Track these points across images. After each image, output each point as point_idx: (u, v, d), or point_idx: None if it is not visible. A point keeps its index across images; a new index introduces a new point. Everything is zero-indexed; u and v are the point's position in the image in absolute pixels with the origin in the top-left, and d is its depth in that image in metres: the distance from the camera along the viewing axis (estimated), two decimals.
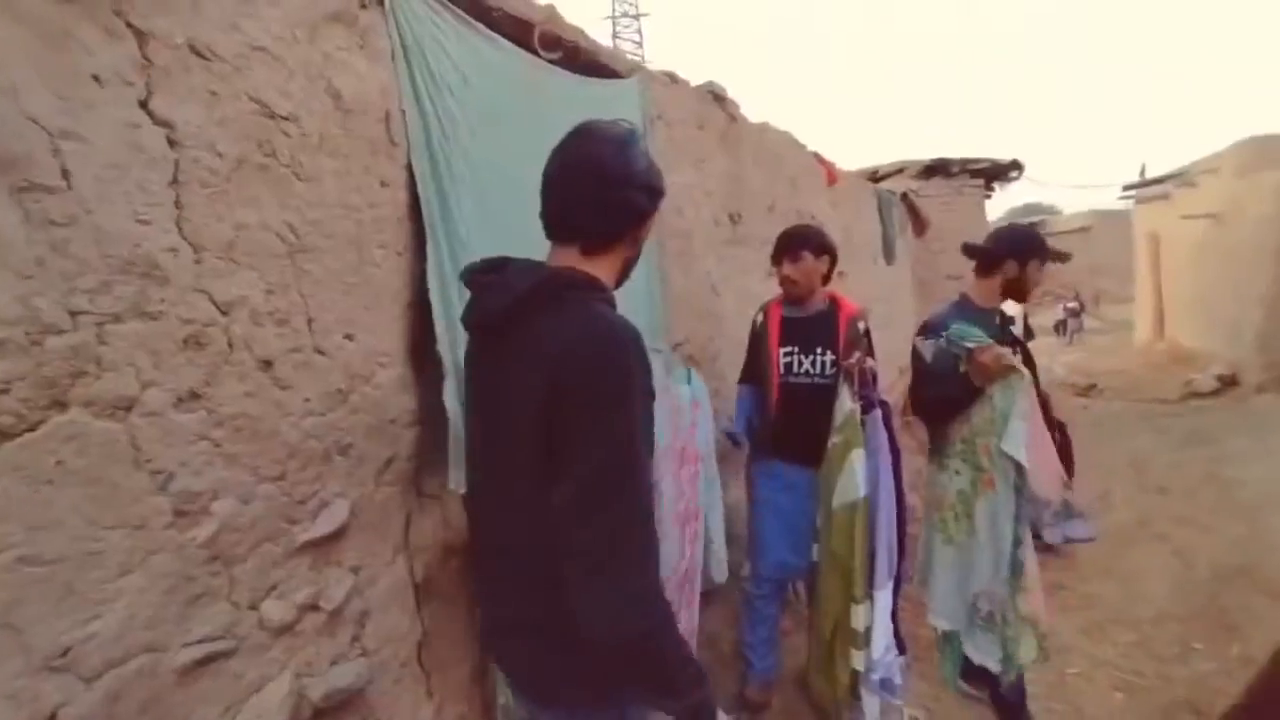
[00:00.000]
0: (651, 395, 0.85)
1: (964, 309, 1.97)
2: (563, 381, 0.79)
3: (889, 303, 5.13)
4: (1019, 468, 1.69)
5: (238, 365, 0.98)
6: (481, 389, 0.97)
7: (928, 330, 1.93)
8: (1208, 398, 6.73)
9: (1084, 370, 8.96)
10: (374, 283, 1.24)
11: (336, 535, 1.15)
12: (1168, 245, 9.52)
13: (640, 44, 38.19)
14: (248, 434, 0.99)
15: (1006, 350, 1.73)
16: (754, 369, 2.14)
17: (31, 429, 0.75)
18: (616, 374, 0.80)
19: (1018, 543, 1.73)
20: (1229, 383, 6.88)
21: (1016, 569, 1.73)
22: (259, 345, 1.01)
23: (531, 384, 0.82)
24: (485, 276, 0.96)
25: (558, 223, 0.97)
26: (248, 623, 0.98)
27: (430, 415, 1.39)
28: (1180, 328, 9.14)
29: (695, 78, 2.57)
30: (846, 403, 1.76)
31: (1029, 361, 1.84)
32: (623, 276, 1.01)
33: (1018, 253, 1.92)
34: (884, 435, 1.74)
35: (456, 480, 1.38)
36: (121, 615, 0.82)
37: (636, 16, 39.73)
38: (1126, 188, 10.37)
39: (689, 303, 2.34)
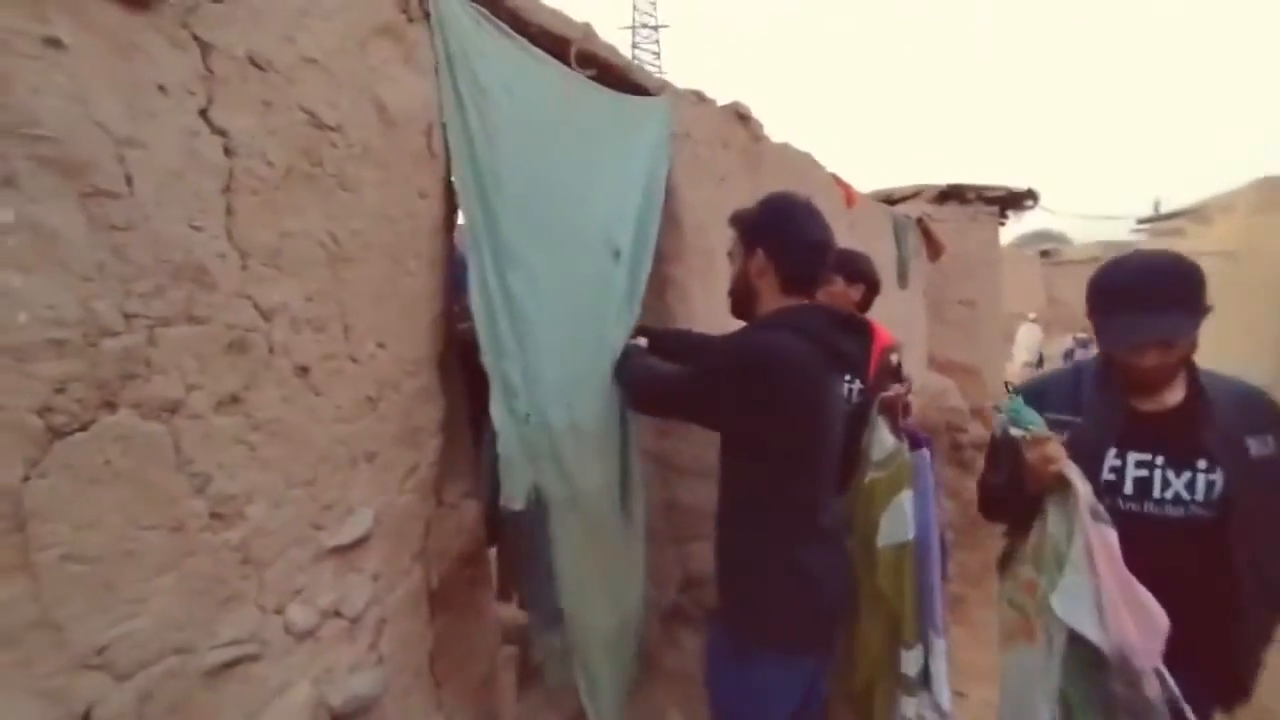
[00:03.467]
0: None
1: (1097, 371, 1.31)
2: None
3: (903, 327, 5.13)
4: (1073, 634, 1.14)
5: (276, 371, 0.99)
6: (832, 410, 1.37)
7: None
8: None
9: None
10: (408, 292, 1.26)
11: (360, 542, 1.16)
12: None
13: (658, 55, 38.49)
14: (282, 439, 1.01)
15: (1058, 449, 1.19)
16: None
17: (83, 428, 0.76)
18: None
19: None
20: None
21: None
22: (297, 351, 1.03)
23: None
24: (837, 333, 1.37)
25: (811, 278, 1.42)
26: (273, 627, 0.99)
27: (451, 424, 1.40)
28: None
29: (712, 91, 2.59)
30: (887, 438, 1.65)
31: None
32: None
33: None
34: (930, 477, 1.67)
35: (508, 495, 1.38)
36: (156, 615, 0.83)
37: (655, 28, 40.06)
38: (1141, 221, 10.37)
39: (708, 321, 2.35)
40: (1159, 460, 1.19)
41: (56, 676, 0.74)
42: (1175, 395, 1.21)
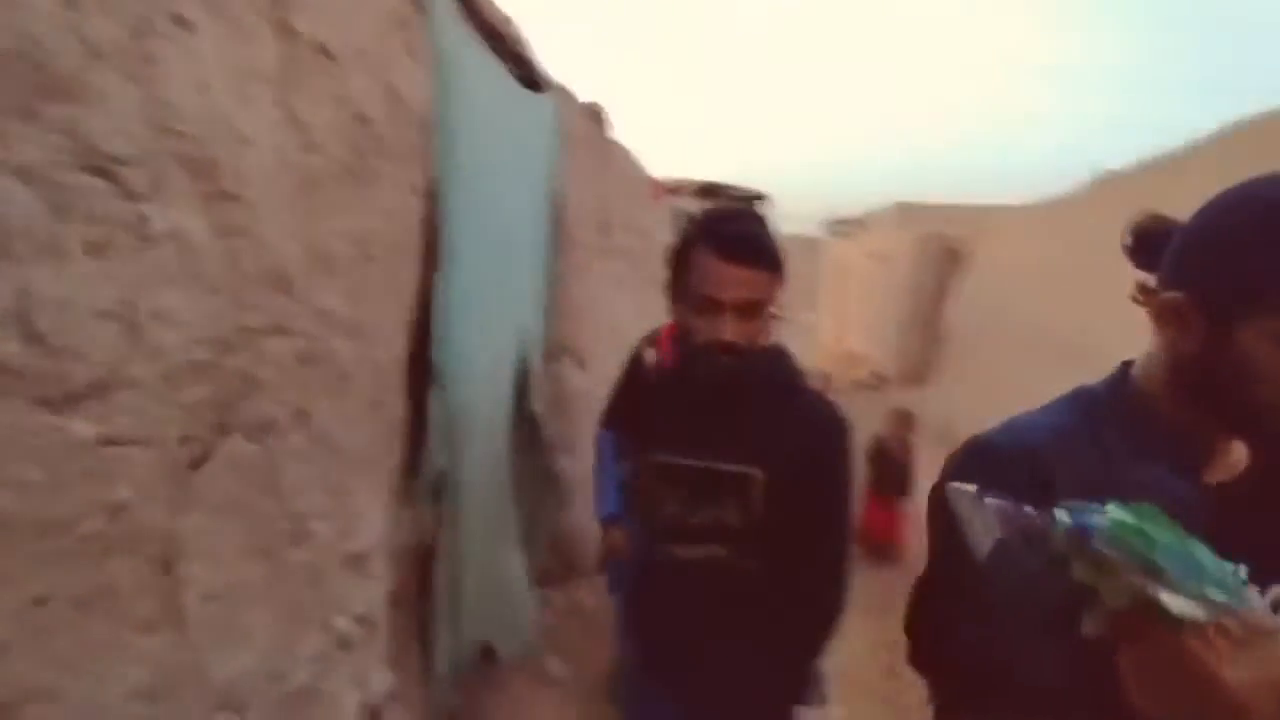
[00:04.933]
0: None
1: (1125, 418, 0.54)
2: None
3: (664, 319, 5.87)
4: None
5: (331, 380, 0.95)
6: None
7: (992, 463, 0.52)
8: (868, 389, 9.26)
9: None
10: (402, 292, 1.22)
11: (371, 549, 1.14)
12: (850, 273, 12.58)
13: None
14: (331, 451, 0.96)
15: None
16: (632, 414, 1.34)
17: (207, 457, 0.69)
18: None
19: None
20: (882, 379, 9.54)
21: None
22: (342, 358, 0.98)
23: None
24: None
25: None
26: (330, 643, 0.96)
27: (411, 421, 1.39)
28: (853, 336, 12.20)
29: None
30: None
31: None
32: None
33: None
34: None
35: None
36: (260, 646, 0.79)
37: None
38: (832, 224, 13.43)
39: (583, 314, 2.54)
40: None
41: None
42: (1236, 451, 0.58)
